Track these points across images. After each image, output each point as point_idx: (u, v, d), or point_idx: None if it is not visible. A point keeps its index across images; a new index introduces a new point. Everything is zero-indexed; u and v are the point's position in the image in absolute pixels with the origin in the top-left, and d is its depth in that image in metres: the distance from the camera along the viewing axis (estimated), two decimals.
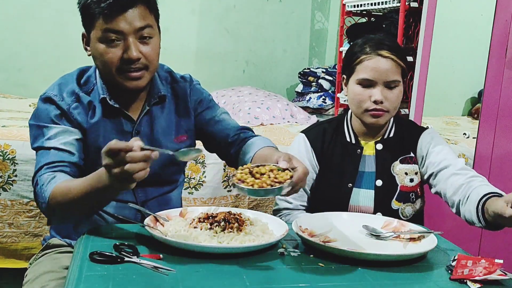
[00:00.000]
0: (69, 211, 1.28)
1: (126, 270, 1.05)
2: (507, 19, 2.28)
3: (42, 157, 1.34)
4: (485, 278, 1.09)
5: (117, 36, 1.31)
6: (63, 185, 1.25)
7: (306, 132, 1.68)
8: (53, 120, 1.37)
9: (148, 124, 1.47)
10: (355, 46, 1.57)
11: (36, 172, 1.33)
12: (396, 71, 1.53)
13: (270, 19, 4.34)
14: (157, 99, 1.47)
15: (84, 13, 1.34)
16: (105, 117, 1.41)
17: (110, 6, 1.28)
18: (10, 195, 2.24)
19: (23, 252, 2.30)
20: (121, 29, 1.30)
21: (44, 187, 1.27)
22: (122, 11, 1.29)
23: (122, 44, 1.32)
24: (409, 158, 1.62)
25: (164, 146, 1.47)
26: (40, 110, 1.39)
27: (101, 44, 1.32)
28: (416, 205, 1.63)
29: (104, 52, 1.33)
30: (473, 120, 2.52)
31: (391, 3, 3.26)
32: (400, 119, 1.68)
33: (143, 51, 1.34)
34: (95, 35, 1.33)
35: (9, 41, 3.64)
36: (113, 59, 1.33)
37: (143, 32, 1.33)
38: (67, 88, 1.41)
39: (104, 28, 1.30)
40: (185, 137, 1.53)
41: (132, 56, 1.32)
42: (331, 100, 3.90)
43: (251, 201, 2.64)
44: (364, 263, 1.16)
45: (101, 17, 1.30)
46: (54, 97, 1.39)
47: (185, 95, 1.53)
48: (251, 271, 1.08)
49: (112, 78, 1.36)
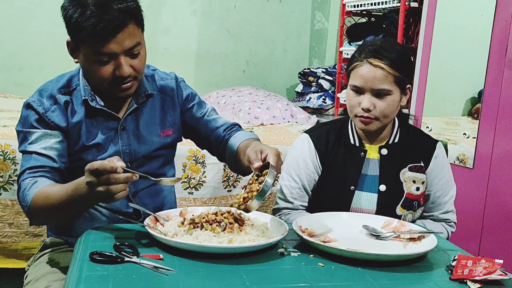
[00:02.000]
0: (49, 217, 1.34)
1: (126, 270, 1.05)
2: (507, 19, 2.28)
3: (25, 161, 1.40)
4: (485, 278, 1.09)
5: (108, 57, 1.34)
6: (43, 191, 1.29)
7: (309, 132, 1.68)
8: (33, 125, 1.42)
9: (133, 120, 1.50)
10: (356, 51, 1.57)
11: (19, 175, 1.38)
12: (386, 80, 1.50)
13: (270, 19, 4.34)
14: (144, 98, 1.50)
15: (72, 28, 1.34)
16: (88, 117, 1.45)
17: (103, 32, 1.29)
18: (11, 195, 2.24)
19: (23, 252, 2.30)
20: (113, 51, 1.33)
21: (26, 191, 1.32)
22: (113, 35, 1.31)
23: (113, 62, 1.35)
24: (419, 167, 1.62)
25: (150, 140, 1.51)
26: (22, 117, 1.45)
27: (93, 62, 1.35)
28: (416, 213, 1.64)
29: (95, 70, 1.36)
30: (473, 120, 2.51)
31: (391, 3, 3.26)
32: (406, 125, 1.68)
33: (133, 65, 1.38)
34: (85, 52, 1.35)
35: (10, 41, 3.64)
36: (105, 76, 1.36)
37: (133, 50, 1.36)
38: (46, 93, 1.45)
39: (96, 51, 1.32)
40: (171, 131, 1.56)
41: (124, 74, 1.36)
42: (331, 100, 3.90)
43: None
44: (364, 263, 1.16)
45: (93, 41, 1.31)
46: (32, 103, 1.43)
47: (172, 90, 1.57)
48: (251, 271, 1.08)
49: (103, 89, 1.41)
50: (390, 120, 1.58)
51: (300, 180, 1.62)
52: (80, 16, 1.30)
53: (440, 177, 1.64)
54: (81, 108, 1.44)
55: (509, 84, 2.29)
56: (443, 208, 1.66)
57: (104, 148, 1.45)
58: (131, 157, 1.47)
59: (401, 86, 1.54)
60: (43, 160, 1.38)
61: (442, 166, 1.65)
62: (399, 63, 1.52)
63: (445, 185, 1.65)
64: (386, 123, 1.58)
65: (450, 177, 1.68)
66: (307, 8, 4.47)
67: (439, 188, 1.65)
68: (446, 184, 1.66)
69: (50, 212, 1.29)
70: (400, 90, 1.54)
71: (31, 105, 1.43)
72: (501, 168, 2.33)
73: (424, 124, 2.72)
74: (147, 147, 1.50)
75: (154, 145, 1.52)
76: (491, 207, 2.38)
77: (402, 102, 1.58)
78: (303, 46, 4.51)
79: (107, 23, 1.29)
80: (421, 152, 1.64)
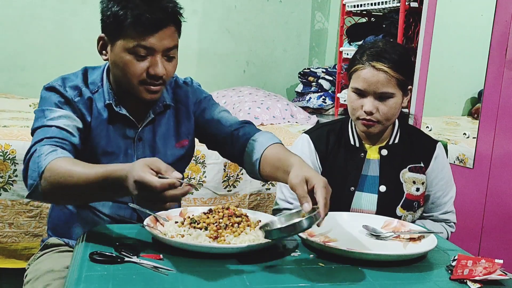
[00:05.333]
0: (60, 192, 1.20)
1: (126, 270, 1.05)
2: (507, 19, 2.28)
3: (42, 132, 1.30)
4: (485, 278, 1.09)
5: (146, 52, 1.33)
6: (65, 162, 1.19)
7: (309, 133, 1.67)
8: (57, 104, 1.36)
9: (150, 131, 1.47)
10: (358, 52, 1.56)
11: (35, 143, 1.27)
12: (389, 83, 1.50)
13: (271, 19, 4.34)
14: (162, 108, 1.48)
15: (112, 22, 1.33)
16: (109, 121, 1.41)
17: (146, 24, 1.30)
18: (11, 195, 2.25)
19: (23, 252, 2.30)
20: (153, 46, 1.32)
21: (44, 156, 1.22)
22: (156, 30, 1.31)
23: (149, 59, 1.34)
24: (419, 168, 1.62)
25: (164, 152, 1.48)
26: (43, 98, 1.39)
27: (129, 55, 1.33)
28: (416, 214, 1.64)
29: (130, 63, 1.33)
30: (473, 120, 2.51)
31: (391, 3, 3.26)
32: (406, 125, 1.68)
33: (166, 69, 1.36)
34: (123, 45, 1.33)
35: (12, 41, 3.65)
36: (138, 71, 1.34)
37: (170, 52, 1.36)
38: (70, 83, 1.41)
39: (136, 43, 1.31)
40: (186, 142, 1.53)
41: (158, 73, 1.34)
42: (331, 100, 3.90)
43: (251, 201, 2.65)
44: (364, 263, 1.16)
45: (135, 32, 1.30)
46: (58, 87, 1.38)
47: (187, 99, 1.54)
48: (251, 271, 1.08)
49: (131, 87, 1.37)
50: (392, 122, 1.58)
51: None
52: (124, 8, 1.30)
53: (440, 177, 1.64)
54: (104, 110, 1.41)
55: (509, 84, 2.29)
56: (443, 209, 1.66)
57: (120, 157, 1.42)
58: None
59: (403, 88, 1.54)
60: (64, 134, 1.30)
61: (442, 166, 1.65)
62: (401, 65, 1.51)
63: (445, 186, 1.65)
64: (388, 126, 1.59)
65: (450, 178, 1.68)
66: (307, 8, 4.47)
67: (439, 188, 1.65)
68: (446, 185, 1.66)
69: (64, 187, 1.17)
70: (402, 92, 1.54)
71: (55, 87, 1.38)
72: (501, 168, 2.33)
73: (424, 124, 2.72)
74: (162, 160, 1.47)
75: (168, 158, 1.47)
76: (491, 207, 2.38)
77: (403, 103, 1.58)
78: (303, 46, 4.51)
79: (152, 16, 1.29)
80: (421, 153, 1.64)
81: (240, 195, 2.62)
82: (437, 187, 1.64)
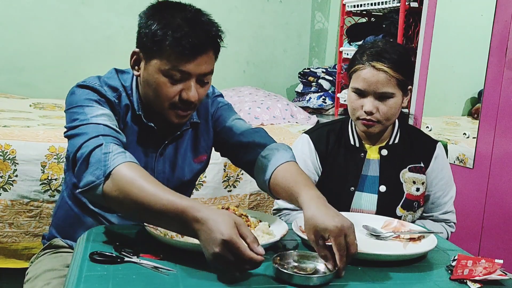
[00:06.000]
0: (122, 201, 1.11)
1: (126, 270, 1.05)
2: (507, 19, 2.28)
3: (91, 129, 1.19)
4: (485, 278, 1.09)
5: (181, 76, 1.27)
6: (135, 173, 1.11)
7: (309, 133, 1.67)
8: (97, 101, 1.28)
9: (173, 147, 1.44)
10: (358, 52, 1.56)
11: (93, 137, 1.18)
12: (389, 83, 1.50)
13: (271, 19, 4.34)
14: (189, 126, 1.45)
15: (150, 40, 1.26)
16: (136, 132, 1.37)
17: (186, 48, 1.23)
18: (11, 195, 2.24)
19: (23, 252, 2.30)
20: (190, 71, 1.27)
21: (112, 155, 1.13)
22: (195, 55, 1.25)
23: (183, 83, 1.29)
24: (419, 168, 1.62)
25: (182, 167, 1.45)
26: (77, 95, 1.30)
27: (164, 77, 1.27)
28: (416, 214, 1.64)
29: (164, 85, 1.28)
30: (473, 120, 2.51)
31: (391, 3, 3.26)
32: (406, 125, 1.68)
33: (199, 93, 1.31)
34: (158, 65, 1.27)
35: (12, 41, 3.65)
36: (171, 94, 1.29)
37: (205, 78, 1.31)
38: (109, 82, 1.35)
39: (173, 66, 1.25)
40: (204, 157, 1.51)
41: (191, 98, 1.29)
42: (331, 100, 3.90)
43: (251, 201, 2.65)
44: (364, 263, 1.16)
45: (173, 54, 1.24)
46: (95, 86, 1.31)
47: (206, 113, 1.50)
48: (251, 271, 1.08)
49: (161, 109, 1.32)
50: (392, 122, 1.58)
51: None
52: (165, 28, 1.24)
53: (440, 177, 1.64)
54: (132, 119, 1.35)
55: (509, 84, 2.29)
56: (443, 209, 1.66)
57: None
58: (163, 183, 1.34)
59: (403, 88, 1.54)
60: (115, 133, 1.21)
61: (442, 166, 1.65)
62: (401, 65, 1.51)
63: (445, 186, 1.65)
64: (388, 126, 1.59)
65: (450, 178, 1.68)
66: (307, 8, 4.47)
67: (439, 188, 1.65)
68: (446, 185, 1.66)
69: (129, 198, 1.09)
70: (402, 92, 1.54)
71: (90, 86, 1.30)
72: (501, 168, 2.33)
73: (424, 124, 2.72)
74: (179, 176, 1.44)
75: (186, 175, 1.45)
76: (491, 207, 2.38)
77: (403, 103, 1.58)
78: (303, 46, 4.51)
79: (193, 40, 1.23)
80: (421, 153, 1.64)
81: (240, 195, 2.62)
82: (437, 187, 1.64)
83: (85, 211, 1.43)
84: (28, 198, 2.26)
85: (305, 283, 1.04)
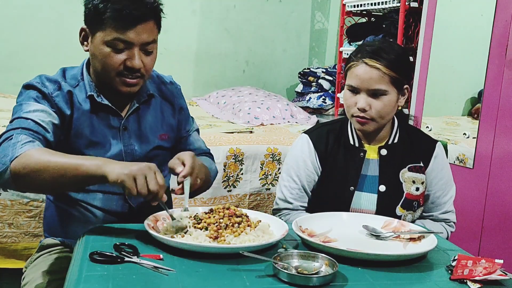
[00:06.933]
0: (33, 179, 1.21)
1: (126, 270, 1.05)
2: (507, 19, 2.28)
3: (18, 122, 1.32)
4: (485, 278, 1.09)
5: (124, 45, 1.36)
6: (42, 150, 1.23)
7: (309, 133, 1.67)
8: (34, 99, 1.38)
9: (135, 120, 1.50)
10: (354, 51, 1.57)
11: (11, 129, 1.30)
12: (382, 80, 1.50)
13: (270, 19, 4.34)
14: (146, 97, 1.51)
15: (93, 13, 1.36)
16: (92, 112, 1.44)
17: (125, 18, 1.33)
18: (10, 195, 2.24)
19: (23, 252, 2.30)
20: (131, 40, 1.35)
21: (20, 144, 1.24)
22: (135, 25, 1.34)
23: (127, 52, 1.37)
24: (419, 167, 1.62)
25: (151, 141, 1.51)
26: (21, 95, 1.41)
27: (107, 47, 1.36)
28: (416, 214, 1.64)
29: (108, 56, 1.37)
30: (473, 120, 2.51)
31: (391, 3, 3.26)
32: (405, 125, 1.68)
33: (144, 62, 1.39)
34: (102, 37, 1.36)
35: (9, 41, 3.65)
36: (116, 64, 1.37)
37: (148, 47, 1.39)
38: (49, 79, 1.43)
39: (114, 37, 1.34)
40: (166, 136, 1.56)
41: (135, 66, 1.37)
42: (331, 100, 3.90)
43: (251, 201, 2.65)
44: (364, 263, 1.16)
45: (114, 25, 1.34)
46: (36, 84, 1.40)
47: (173, 98, 1.59)
48: (251, 271, 1.08)
49: (109, 79, 1.40)
50: (387, 120, 1.58)
51: (299, 181, 1.62)
52: (105, 1, 1.34)
53: (439, 177, 1.64)
54: (85, 102, 1.43)
55: (509, 84, 2.29)
56: (442, 208, 1.66)
57: (107, 147, 1.44)
58: (132, 158, 1.47)
59: (398, 87, 1.53)
60: (40, 129, 1.32)
61: (441, 166, 1.65)
62: (396, 64, 1.51)
63: (444, 185, 1.65)
64: (383, 124, 1.58)
65: (449, 177, 1.68)
66: (307, 8, 4.47)
67: (438, 188, 1.65)
68: (445, 184, 1.66)
69: (42, 171, 1.19)
70: (397, 90, 1.53)
71: (33, 85, 1.40)
72: (501, 168, 2.33)
73: (424, 124, 2.72)
74: (147, 147, 1.50)
75: (152, 144, 1.52)
76: (491, 207, 2.38)
77: (400, 103, 1.58)
78: (303, 46, 4.51)
79: (132, 11, 1.33)
80: (420, 153, 1.64)
81: (240, 195, 2.62)
82: (436, 186, 1.64)
83: (69, 202, 1.47)
84: (28, 198, 2.26)
85: (305, 283, 1.04)
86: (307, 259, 1.13)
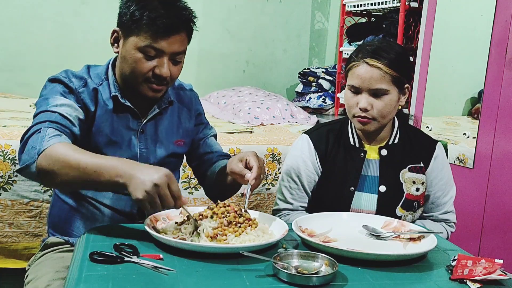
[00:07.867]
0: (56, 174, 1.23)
1: (126, 270, 1.06)
2: (507, 19, 2.28)
3: (45, 115, 1.33)
4: (485, 278, 1.09)
5: (155, 53, 1.39)
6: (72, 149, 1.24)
7: (309, 133, 1.67)
8: (61, 93, 1.41)
9: (153, 124, 1.53)
10: (355, 50, 1.57)
11: (38, 123, 1.31)
12: (383, 80, 1.50)
13: (270, 20, 4.34)
14: (167, 103, 1.54)
15: (129, 18, 1.39)
16: (114, 111, 1.47)
17: (160, 27, 1.36)
18: (11, 195, 2.25)
19: (23, 252, 2.30)
20: (162, 49, 1.38)
21: (48, 138, 1.26)
22: (169, 34, 1.38)
23: (157, 59, 1.40)
24: (419, 168, 1.62)
25: (166, 146, 1.54)
26: (46, 88, 1.43)
27: (140, 53, 1.39)
28: (416, 214, 1.64)
29: (139, 61, 1.40)
30: (473, 120, 2.51)
31: (391, 3, 3.26)
32: (406, 125, 1.68)
33: (171, 71, 1.42)
34: (135, 42, 1.39)
35: (12, 41, 3.65)
36: (145, 70, 1.40)
37: (177, 57, 1.43)
38: (75, 75, 1.46)
39: (147, 44, 1.37)
40: (182, 142, 1.59)
41: (163, 74, 1.40)
42: (331, 100, 3.90)
43: (251, 201, 2.65)
44: (364, 263, 1.16)
45: (148, 33, 1.37)
46: (62, 78, 1.42)
47: (190, 103, 1.63)
48: (251, 271, 1.08)
49: (136, 83, 1.43)
50: (388, 120, 1.58)
51: (300, 181, 1.62)
52: (142, 8, 1.37)
53: (440, 177, 1.64)
54: (109, 101, 1.46)
55: (509, 84, 2.29)
56: (442, 209, 1.66)
57: (123, 147, 1.47)
58: (147, 161, 1.49)
59: (399, 86, 1.54)
60: (67, 123, 1.35)
61: (442, 166, 1.65)
62: (396, 63, 1.51)
63: (444, 186, 1.65)
64: (384, 124, 1.58)
65: (449, 178, 1.68)
66: (307, 8, 4.47)
67: (438, 188, 1.65)
68: (446, 185, 1.66)
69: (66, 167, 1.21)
70: (398, 89, 1.54)
71: (59, 79, 1.42)
72: (501, 168, 2.33)
73: (424, 124, 2.72)
74: (161, 152, 1.53)
75: (167, 151, 1.54)
76: (491, 207, 2.38)
77: (401, 102, 1.58)
78: (303, 46, 4.51)
79: (168, 21, 1.36)
80: (421, 153, 1.64)
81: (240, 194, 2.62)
82: (437, 187, 1.64)
83: (78, 199, 1.48)
84: (28, 198, 2.26)
85: (305, 283, 1.04)
86: (307, 259, 1.13)
